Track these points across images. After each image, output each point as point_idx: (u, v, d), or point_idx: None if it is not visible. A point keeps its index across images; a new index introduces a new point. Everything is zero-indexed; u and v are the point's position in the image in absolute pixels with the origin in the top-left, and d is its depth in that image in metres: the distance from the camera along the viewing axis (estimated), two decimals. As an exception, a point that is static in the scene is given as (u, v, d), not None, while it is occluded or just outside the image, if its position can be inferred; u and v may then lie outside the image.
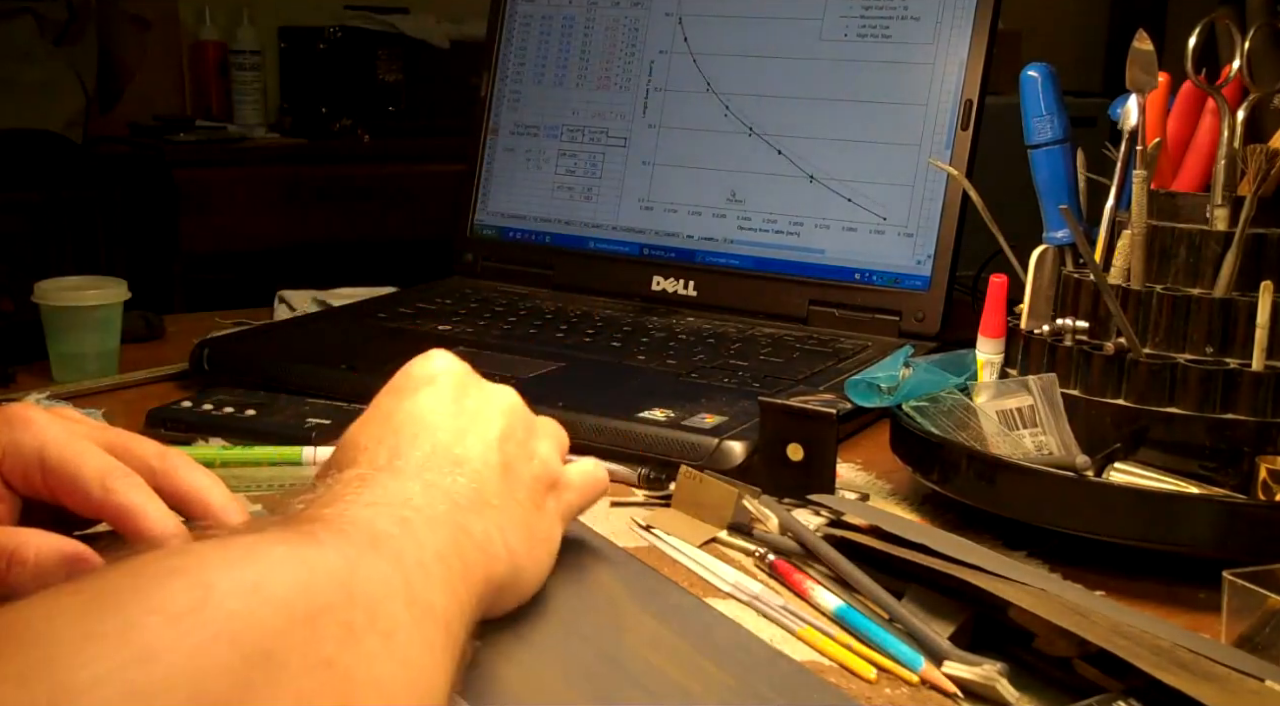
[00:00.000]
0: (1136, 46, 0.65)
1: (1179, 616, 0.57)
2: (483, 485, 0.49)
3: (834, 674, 0.50)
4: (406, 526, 0.43)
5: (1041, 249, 0.72)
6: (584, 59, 1.16)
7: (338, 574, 0.38)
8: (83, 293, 0.91)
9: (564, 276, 1.13)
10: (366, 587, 0.38)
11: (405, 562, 0.41)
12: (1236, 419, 0.63)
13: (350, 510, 0.43)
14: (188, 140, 2.27)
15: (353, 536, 0.41)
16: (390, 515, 0.43)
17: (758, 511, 0.63)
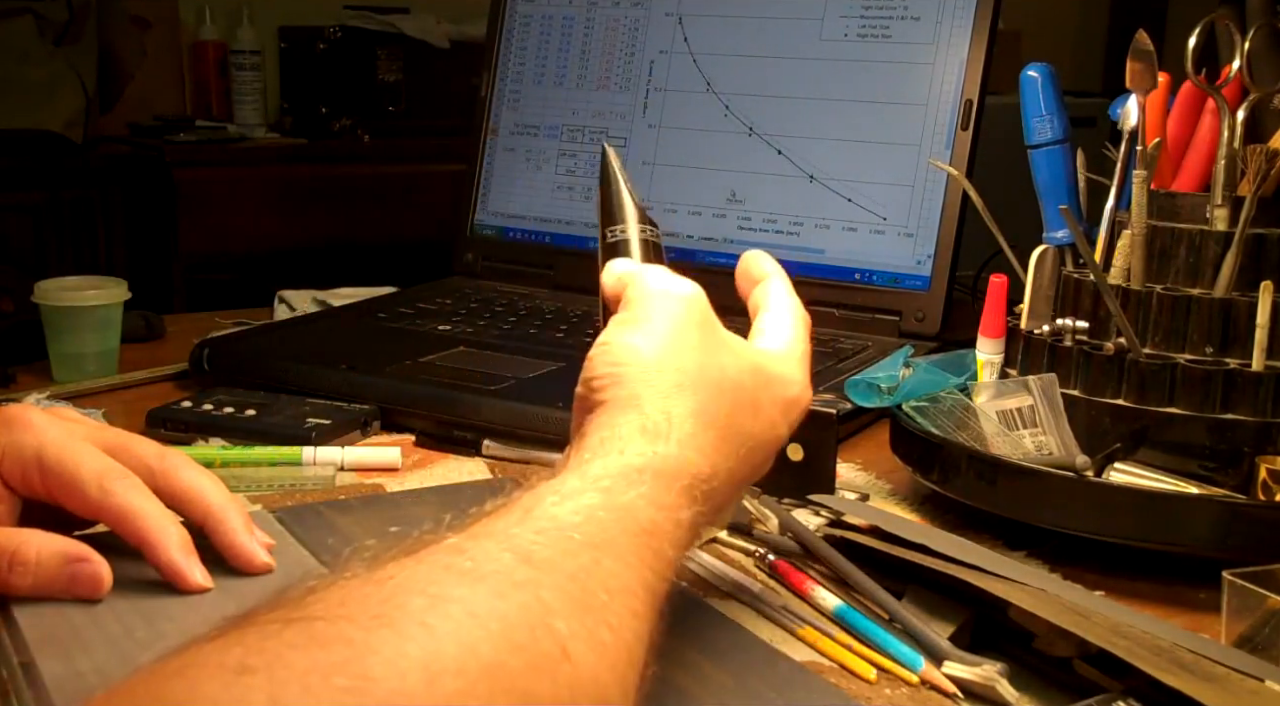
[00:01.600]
0: (1136, 46, 0.65)
1: (1179, 616, 0.57)
2: (711, 434, 0.46)
3: (834, 674, 0.50)
4: (647, 478, 0.43)
5: (1041, 249, 0.72)
6: (584, 59, 1.16)
7: (550, 591, 0.37)
8: (83, 293, 0.91)
9: (564, 276, 1.13)
10: (573, 592, 0.38)
11: (611, 546, 0.40)
12: (1236, 419, 0.63)
13: (560, 530, 0.41)
14: (188, 140, 2.27)
15: (563, 546, 0.40)
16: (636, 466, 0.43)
17: (758, 511, 0.63)
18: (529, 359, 0.89)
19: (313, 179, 2.30)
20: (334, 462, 0.73)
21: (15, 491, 0.52)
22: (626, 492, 0.42)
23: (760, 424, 0.49)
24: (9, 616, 0.49)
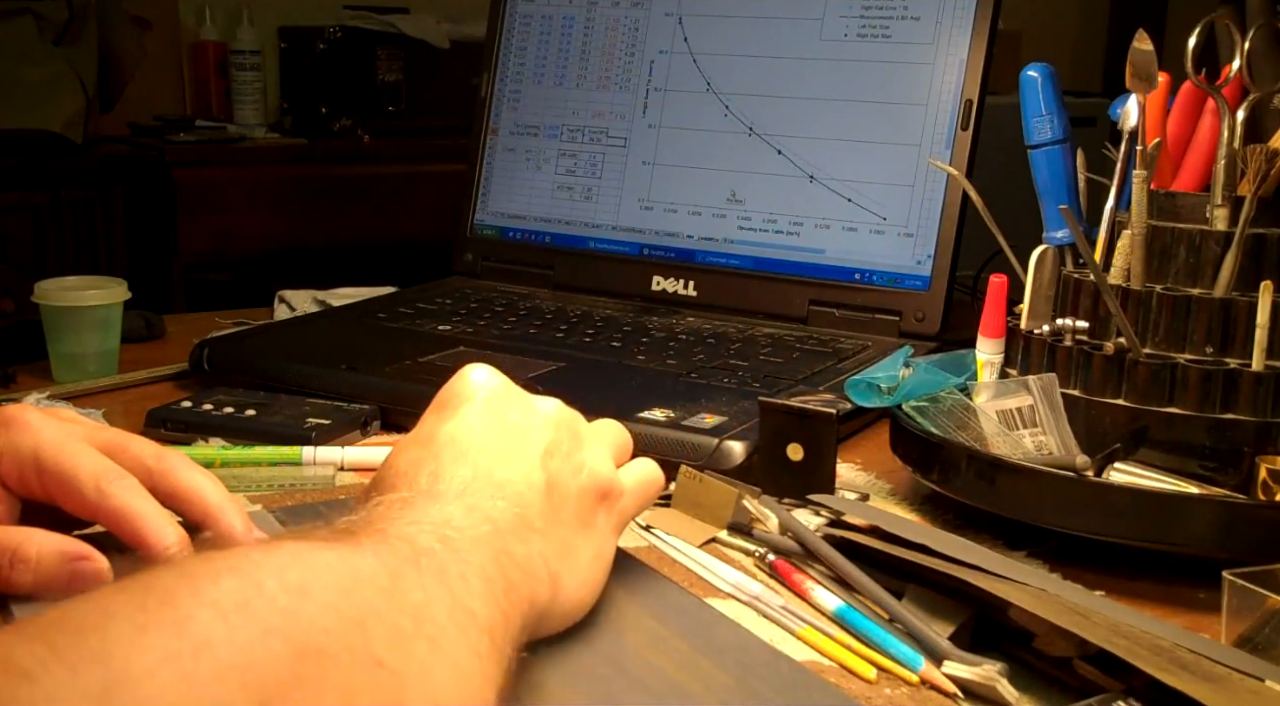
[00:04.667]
0: (1136, 46, 0.65)
1: (1179, 616, 0.57)
2: (526, 508, 0.48)
3: (834, 674, 0.50)
4: (448, 544, 0.43)
5: (1041, 249, 0.72)
6: (584, 59, 1.16)
7: (382, 581, 0.38)
8: (83, 293, 0.91)
9: (564, 276, 1.13)
10: (411, 596, 0.38)
11: (448, 575, 0.41)
12: (1236, 419, 0.63)
13: (392, 528, 0.43)
14: (188, 140, 2.27)
15: (397, 548, 0.41)
16: (432, 533, 0.43)
17: (758, 511, 0.63)
18: (529, 359, 0.89)
19: (313, 179, 2.30)
20: (334, 462, 0.73)
21: (13, 492, 0.52)
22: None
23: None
24: (9, 615, 0.49)
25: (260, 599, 0.34)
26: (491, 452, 0.49)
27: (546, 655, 0.48)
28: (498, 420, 0.51)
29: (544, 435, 0.51)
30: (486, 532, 0.45)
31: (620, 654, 0.49)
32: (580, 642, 0.49)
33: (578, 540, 0.50)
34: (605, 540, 0.52)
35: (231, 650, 0.32)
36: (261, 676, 0.32)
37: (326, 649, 0.34)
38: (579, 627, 0.50)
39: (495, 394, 0.53)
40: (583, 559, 0.50)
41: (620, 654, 0.49)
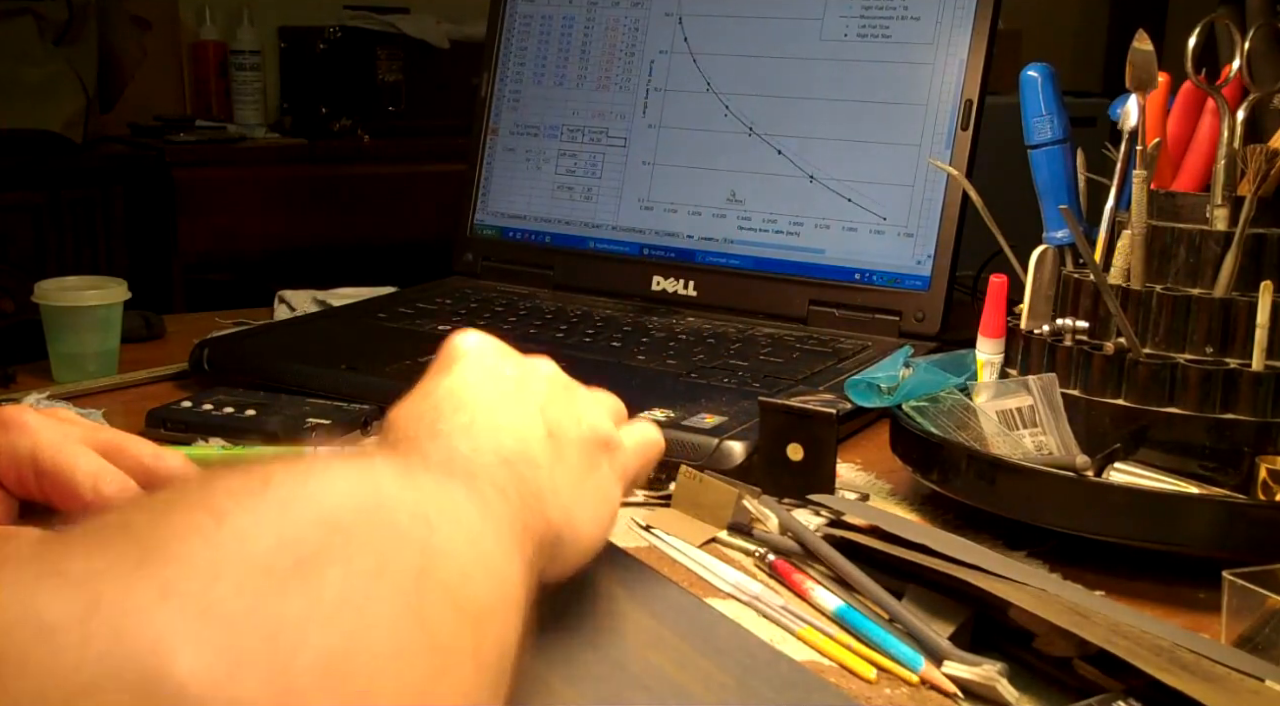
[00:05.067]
0: (1136, 46, 0.65)
1: (1179, 616, 0.57)
2: (527, 447, 0.48)
3: (834, 674, 0.50)
4: (456, 458, 0.43)
5: (1041, 249, 0.72)
6: (584, 59, 1.16)
7: (395, 472, 0.38)
8: (83, 293, 0.91)
9: (564, 276, 1.13)
10: (425, 485, 0.39)
11: (458, 472, 0.41)
12: (1236, 419, 0.63)
13: (404, 456, 0.43)
14: (188, 140, 2.27)
15: (407, 457, 0.41)
16: (439, 455, 0.43)
17: (758, 511, 0.63)
18: (529, 359, 0.89)
19: (313, 179, 2.30)
20: (334, 462, 0.73)
21: (12, 493, 0.52)
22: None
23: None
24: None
25: (271, 485, 0.34)
26: (490, 403, 0.49)
27: (547, 655, 0.48)
28: (494, 375, 0.51)
29: (540, 387, 0.52)
30: (493, 460, 0.45)
31: (620, 654, 0.49)
32: (580, 642, 0.49)
33: (584, 480, 0.50)
34: (611, 486, 0.52)
35: (253, 520, 0.32)
36: (286, 540, 0.32)
37: (347, 520, 0.34)
38: (579, 627, 0.50)
39: (489, 352, 0.53)
40: (589, 496, 0.50)
41: (620, 654, 0.49)
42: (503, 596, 0.39)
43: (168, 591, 0.29)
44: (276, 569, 0.31)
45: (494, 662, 0.38)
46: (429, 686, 0.33)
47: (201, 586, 0.30)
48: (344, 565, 0.33)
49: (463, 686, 0.35)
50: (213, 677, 0.28)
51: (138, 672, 0.27)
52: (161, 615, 0.29)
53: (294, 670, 0.30)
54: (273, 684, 0.29)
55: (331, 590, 0.32)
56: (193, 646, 0.28)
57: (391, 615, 0.33)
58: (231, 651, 0.29)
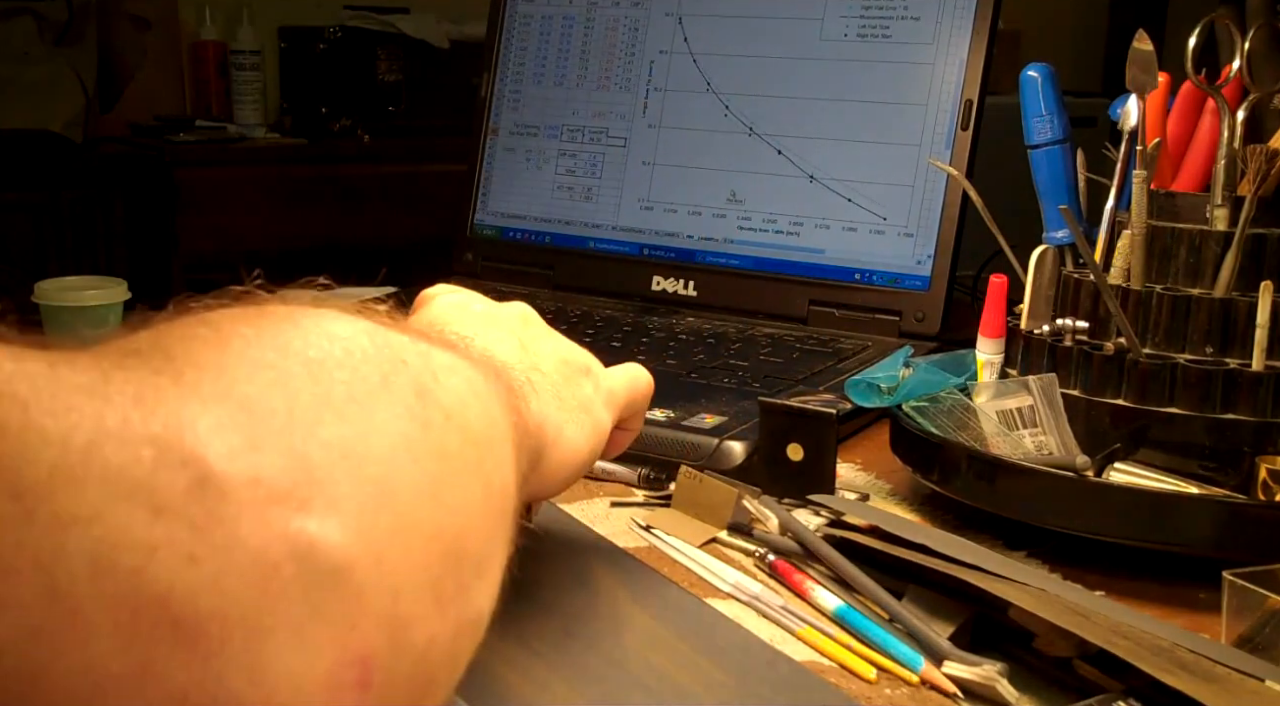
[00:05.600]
0: (1136, 46, 0.65)
1: (1179, 616, 0.57)
2: (505, 355, 0.47)
3: (834, 674, 0.50)
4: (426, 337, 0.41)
5: (1041, 249, 0.72)
6: (584, 59, 1.16)
7: (387, 322, 0.37)
8: (83, 293, 0.91)
9: (564, 276, 1.13)
10: (415, 336, 0.37)
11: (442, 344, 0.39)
12: (1236, 419, 0.63)
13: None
14: (188, 140, 2.27)
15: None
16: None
17: (758, 511, 0.63)
18: (529, 359, 0.89)
19: (313, 179, 2.30)
20: (334, 462, 0.73)
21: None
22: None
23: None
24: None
25: (268, 310, 0.34)
26: (464, 324, 0.49)
27: (547, 655, 0.48)
28: (463, 308, 0.51)
29: (514, 317, 0.52)
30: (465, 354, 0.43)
31: (620, 654, 0.49)
32: (580, 643, 0.49)
33: (563, 390, 0.49)
34: (596, 407, 0.51)
35: (255, 332, 0.32)
36: (291, 344, 0.32)
37: (349, 338, 0.33)
38: (579, 628, 0.50)
39: (458, 294, 0.53)
40: (572, 409, 0.49)
41: (620, 654, 0.49)
42: (499, 435, 0.38)
43: (180, 380, 0.28)
44: (284, 368, 0.31)
45: (498, 490, 0.37)
46: (439, 489, 0.33)
47: (212, 376, 0.29)
48: (349, 371, 0.32)
49: (473, 498, 0.35)
50: (230, 449, 0.27)
51: (156, 436, 0.26)
52: (175, 392, 0.28)
53: (312, 450, 0.29)
54: (292, 459, 0.28)
55: (340, 389, 0.31)
56: (209, 420, 0.27)
57: (398, 420, 0.32)
58: (248, 428, 0.28)
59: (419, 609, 0.31)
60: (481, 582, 0.35)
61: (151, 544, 0.25)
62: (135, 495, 0.25)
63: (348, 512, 0.29)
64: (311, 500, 0.28)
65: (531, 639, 0.49)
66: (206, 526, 0.26)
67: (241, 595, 0.26)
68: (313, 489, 0.28)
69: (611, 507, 0.67)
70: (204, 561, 0.25)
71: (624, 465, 0.71)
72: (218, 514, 0.26)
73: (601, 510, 0.66)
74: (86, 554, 0.24)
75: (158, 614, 0.25)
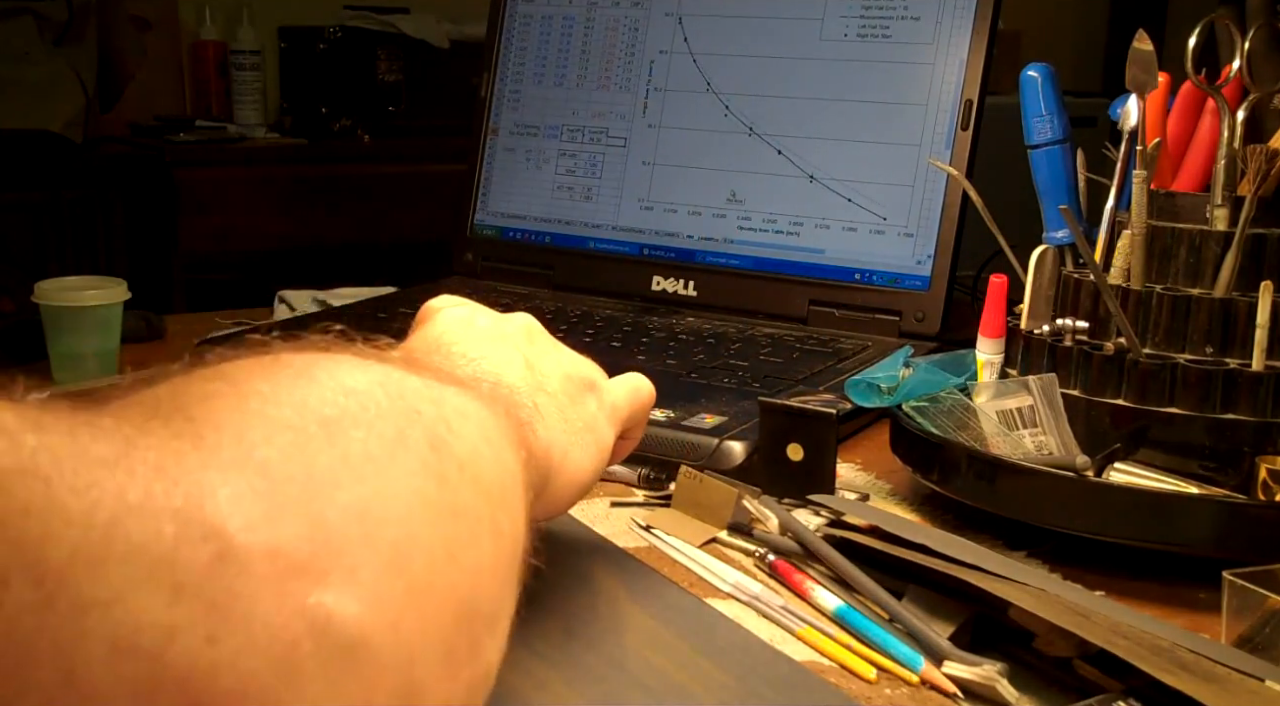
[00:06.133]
0: (1136, 46, 0.65)
1: (1179, 616, 0.57)
2: (510, 378, 0.47)
3: (834, 674, 0.50)
4: (446, 374, 0.42)
5: (1041, 249, 0.72)
6: (584, 59, 1.16)
7: (405, 367, 0.37)
8: (83, 293, 0.91)
9: (564, 276, 1.13)
10: (429, 378, 0.38)
11: (452, 381, 0.40)
12: (1236, 419, 0.63)
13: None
14: (188, 140, 2.27)
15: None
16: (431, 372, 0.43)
17: (758, 511, 0.63)
18: (529, 359, 0.89)
19: (313, 179, 2.30)
20: (334, 462, 0.73)
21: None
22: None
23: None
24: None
25: (282, 361, 0.34)
26: (466, 343, 0.49)
27: (547, 655, 0.48)
28: (468, 324, 0.51)
29: (518, 331, 0.52)
30: (474, 384, 0.44)
31: (620, 654, 0.49)
32: (580, 643, 0.49)
33: (568, 410, 0.49)
34: (600, 422, 0.51)
35: (271, 387, 0.32)
36: (309, 404, 0.32)
37: (364, 391, 0.34)
38: (579, 628, 0.50)
39: (462, 307, 0.53)
40: (577, 430, 0.49)
41: (620, 654, 0.49)
42: (511, 479, 0.38)
43: (201, 444, 0.28)
44: (302, 428, 0.31)
45: (509, 540, 0.37)
46: (455, 549, 0.33)
47: (231, 439, 0.29)
48: (366, 429, 0.32)
49: (485, 554, 0.35)
50: (249, 520, 0.27)
51: (177, 510, 0.26)
52: (196, 459, 0.28)
53: (330, 516, 0.29)
54: (310, 527, 0.28)
55: (356, 448, 0.31)
56: (230, 490, 0.27)
57: (414, 477, 0.33)
58: (267, 496, 0.28)
59: (433, 674, 0.31)
60: (493, 638, 0.35)
61: (172, 625, 0.25)
62: (156, 575, 0.25)
63: (365, 582, 0.29)
64: (329, 571, 0.28)
65: (531, 639, 0.49)
66: (226, 604, 0.26)
67: (260, 673, 0.26)
68: (330, 558, 0.29)
69: (611, 507, 0.67)
70: (223, 641, 0.26)
71: (624, 465, 0.71)
72: (236, 590, 0.26)
73: (601, 510, 0.67)
74: (106, 638, 0.24)
75: (177, 695, 0.25)
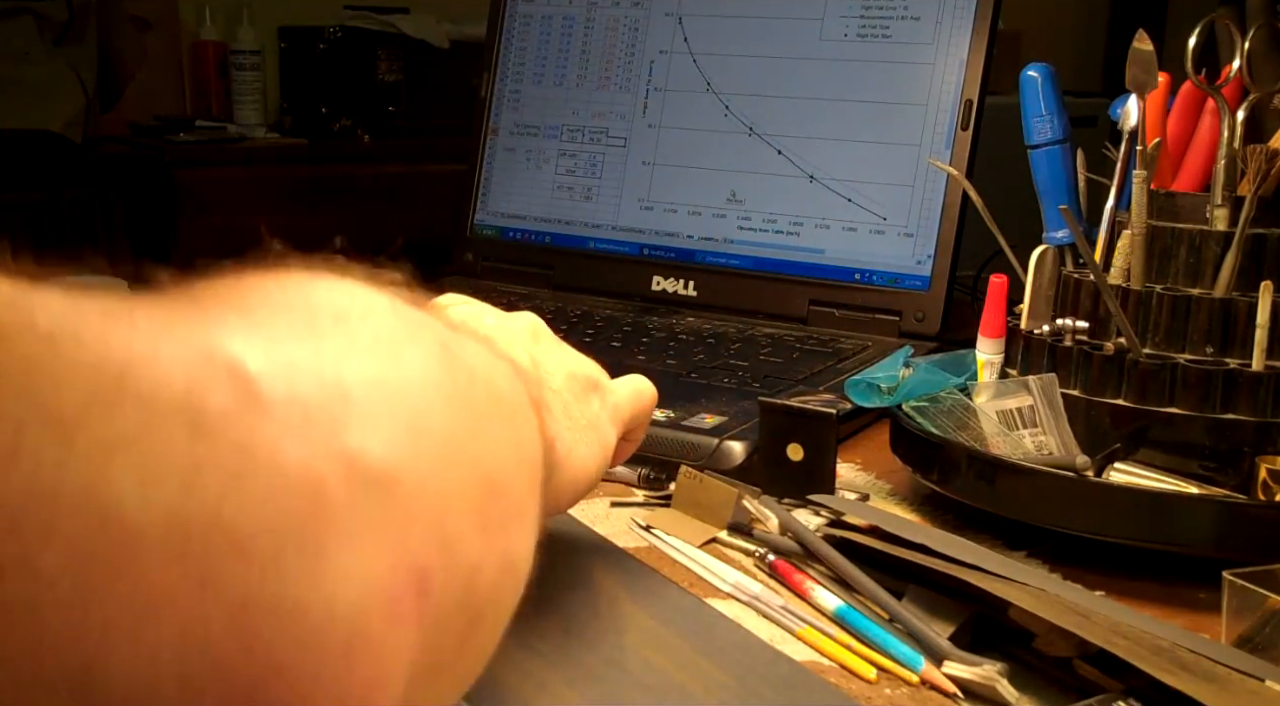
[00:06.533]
0: (1136, 46, 0.65)
1: (1179, 616, 0.57)
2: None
3: (834, 674, 0.50)
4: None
5: (1041, 249, 0.72)
6: (584, 59, 1.16)
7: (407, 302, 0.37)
8: (83, 293, 0.90)
9: (564, 276, 1.13)
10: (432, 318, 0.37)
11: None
12: (1236, 419, 0.63)
13: None
14: (188, 140, 2.27)
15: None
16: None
17: (758, 511, 0.63)
18: (529, 359, 0.89)
19: (313, 179, 2.30)
20: (334, 462, 0.73)
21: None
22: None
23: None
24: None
25: (285, 280, 0.33)
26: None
27: (547, 654, 0.48)
28: (476, 322, 0.51)
29: (523, 329, 0.52)
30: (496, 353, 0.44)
31: (620, 654, 0.49)
32: (580, 643, 0.49)
33: (573, 407, 0.49)
34: (603, 425, 0.51)
35: (278, 286, 0.32)
36: (320, 304, 0.31)
37: (368, 297, 0.33)
38: (579, 628, 0.50)
39: (468, 305, 0.53)
40: (581, 426, 0.49)
41: (620, 654, 0.49)
42: (525, 408, 0.37)
43: (206, 313, 0.28)
44: (308, 313, 0.31)
45: (529, 454, 0.36)
46: (476, 426, 0.33)
47: (237, 313, 0.29)
48: (373, 324, 0.32)
49: (504, 445, 0.34)
50: (267, 370, 0.27)
51: (191, 358, 0.26)
52: (202, 320, 0.28)
53: (345, 379, 0.29)
54: (325, 385, 0.28)
55: (367, 334, 0.31)
56: (242, 343, 0.27)
57: (429, 361, 0.32)
58: (283, 357, 0.28)
59: (466, 529, 0.31)
60: (521, 526, 0.34)
61: (197, 463, 0.25)
62: (176, 415, 0.25)
63: (388, 434, 0.29)
64: (350, 421, 0.28)
65: (531, 638, 0.49)
66: (250, 443, 0.26)
67: (292, 510, 0.26)
68: (350, 410, 0.28)
69: (611, 507, 0.67)
70: (250, 477, 0.25)
71: (624, 465, 0.71)
72: (259, 430, 0.26)
73: (601, 510, 0.66)
74: (133, 476, 0.24)
75: (209, 531, 0.24)
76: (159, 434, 0.24)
